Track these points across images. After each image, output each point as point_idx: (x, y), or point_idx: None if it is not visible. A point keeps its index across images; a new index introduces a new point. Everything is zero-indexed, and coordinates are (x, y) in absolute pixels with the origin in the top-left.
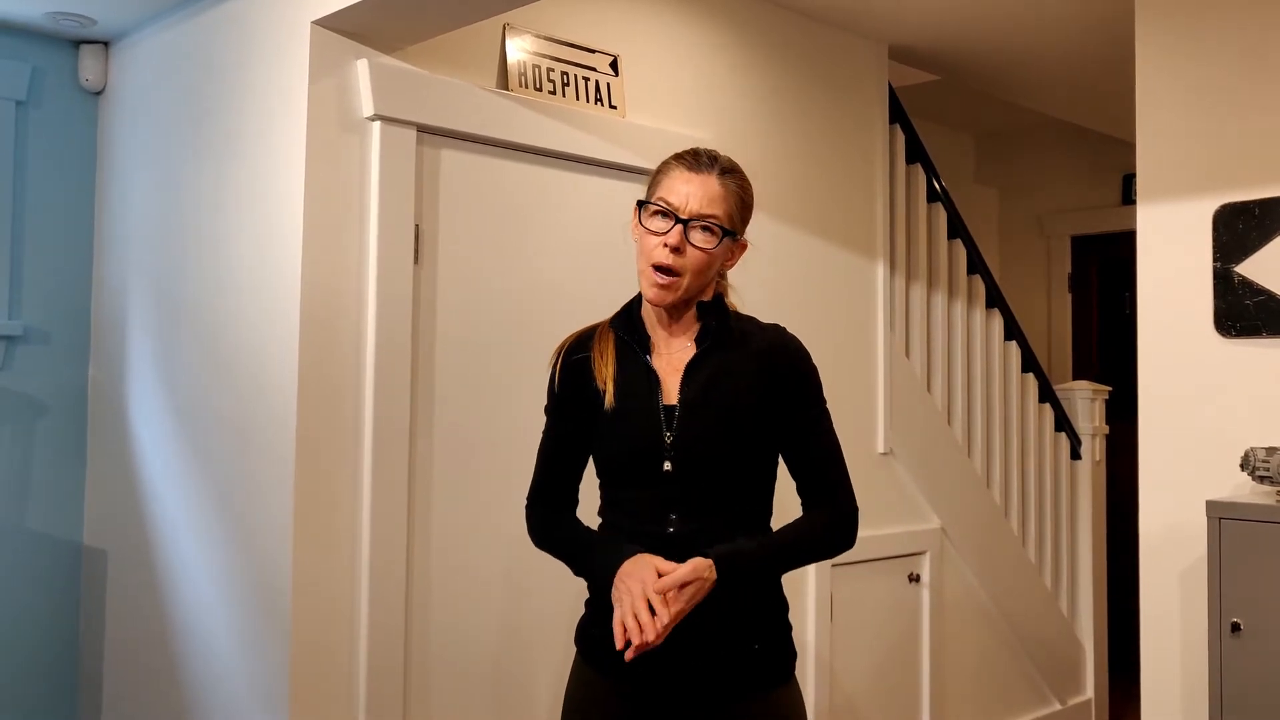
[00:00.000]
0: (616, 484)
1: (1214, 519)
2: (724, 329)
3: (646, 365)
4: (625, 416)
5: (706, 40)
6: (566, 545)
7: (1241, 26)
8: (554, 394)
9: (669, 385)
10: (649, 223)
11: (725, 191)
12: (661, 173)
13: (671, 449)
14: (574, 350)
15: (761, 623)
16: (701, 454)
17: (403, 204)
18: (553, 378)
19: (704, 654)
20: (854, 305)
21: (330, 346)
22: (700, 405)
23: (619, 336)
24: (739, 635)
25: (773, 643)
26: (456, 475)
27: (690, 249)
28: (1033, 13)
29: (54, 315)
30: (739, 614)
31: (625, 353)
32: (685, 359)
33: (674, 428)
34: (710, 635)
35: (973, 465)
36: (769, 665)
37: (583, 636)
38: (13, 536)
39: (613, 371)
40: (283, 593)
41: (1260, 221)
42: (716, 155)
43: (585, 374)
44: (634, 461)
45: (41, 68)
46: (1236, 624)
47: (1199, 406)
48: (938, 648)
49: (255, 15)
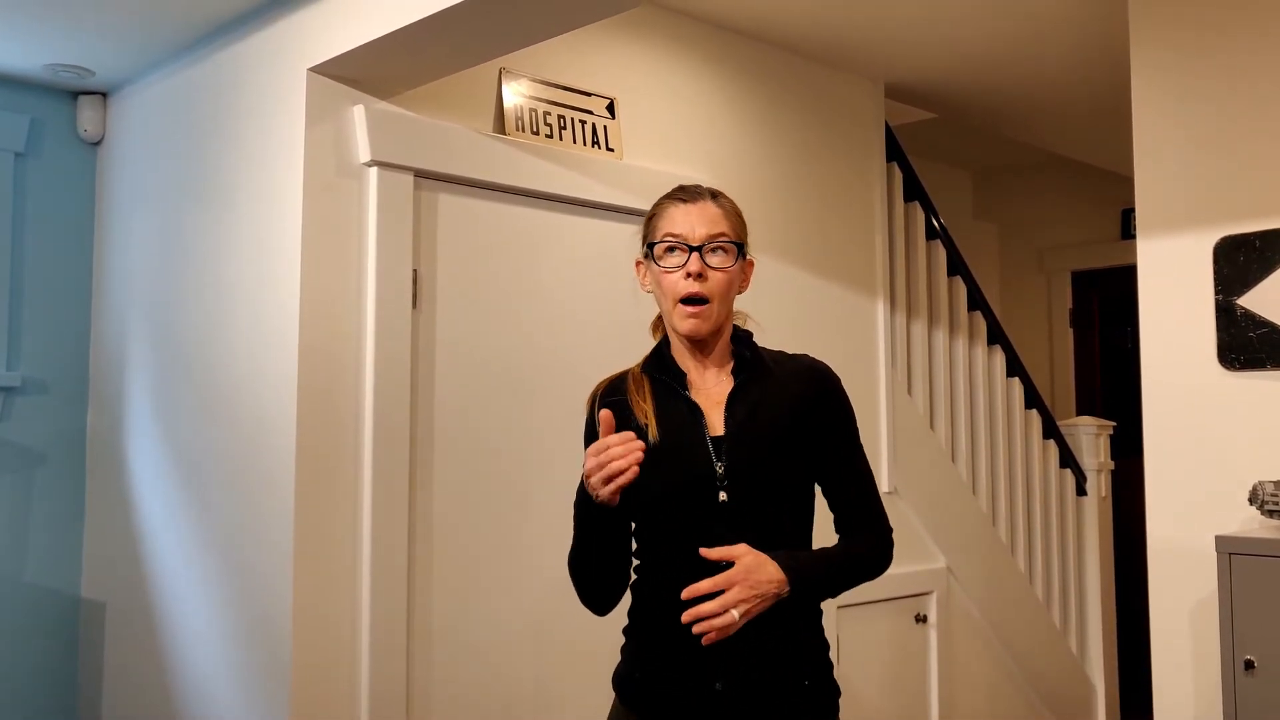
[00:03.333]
0: (663, 521)
1: (1224, 554)
2: (758, 359)
3: (687, 399)
4: (672, 451)
5: (703, 82)
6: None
7: (1237, 59)
8: (591, 439)
9: (712, 418)
10: (664, 261)
11: (723, 212)
12: (656, 214)
13: (725, 478)
14: (609, 393)
15: (811, 658)
16: (756, 482)
17: (400, 249)
18: (590, 422)
19: (758, 690)
20: (855, 343)
21: (329, 392)
22: (748, 434)
23: (654, 377)
24: (791, 671)
25: (822, 679)
26: (457, 517)
27: (712, 273)
28: (1028, 50)
29: (52, 365)
30: (791, 649)
31: (662, 391)
32: (725, 391)
33: (724, 458)
34: (764, 672)
35: (978, 503)
36: (819, 701)
37: (624, 683)
38: (11, 589)
39: (653, 408)
40: (283, 637)
41: (1261, 254)
42: (700, 185)
43: (624, 414)
44: (687, 495)
45: (40, 119)
46: (1250, 661)
47: (1204, 440)
48: (946, 689)
49: (251, 63)
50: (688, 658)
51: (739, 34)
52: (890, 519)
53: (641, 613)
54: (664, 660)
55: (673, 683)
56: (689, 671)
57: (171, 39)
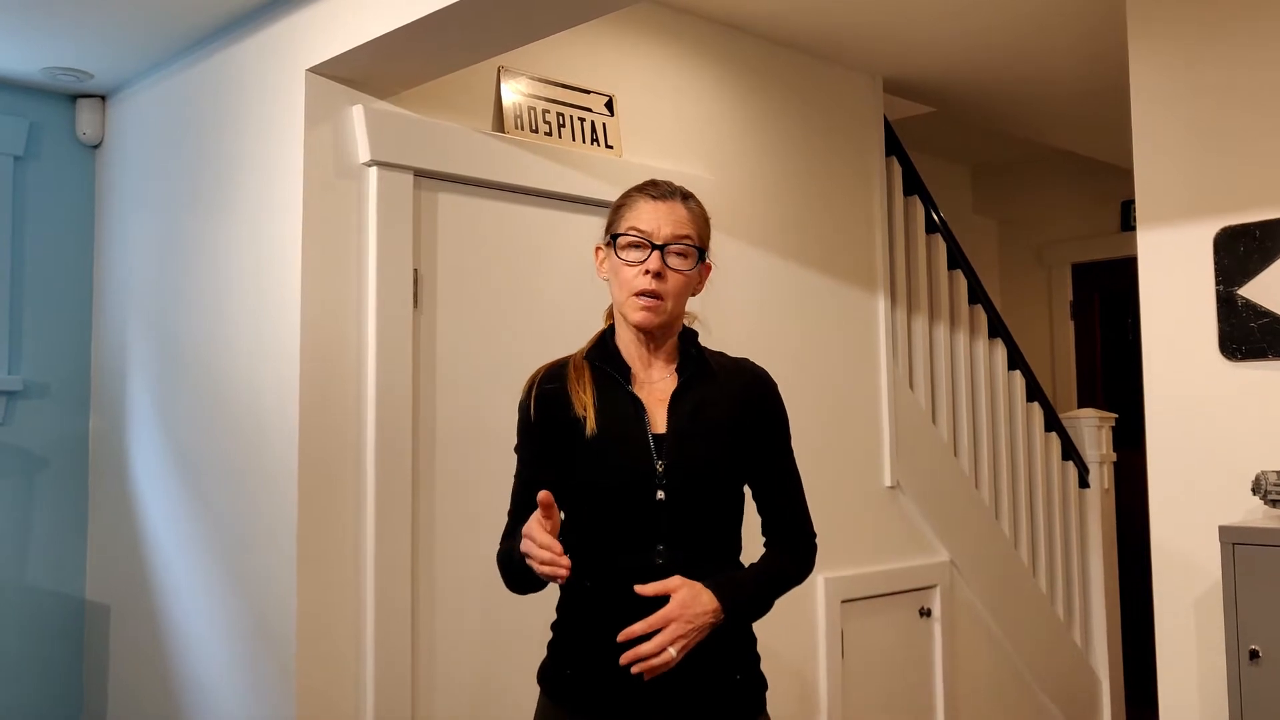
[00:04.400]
0: (599, 515)
1: (1227, 545)
2: (703, 359)
3: (630, 394)
4: (611, 445)
5: (701, 78)
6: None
7: (1235, 49)
8: (527, 425)
9: (655, 414)
10: (624, 254)
11: (691, 215)
12: (624, 205)
13: (664, 477)
14: (547, 380)
15: (739, 653)
16: (695, 482)
17: (401, 248)
18: (526, 407)
19: (685, 686)
20: (856, 338)
21: (331, 392)
22: (690, 434)
23: (596, 366)
24: (720, 666)
25: (750, 673)
26: (460, 515)
27: (670, 273)
28: (1027, 43)
29: (53, 369)
30: (721, 644)
31: (604, 382)
32: (669, 388)
33: (665, 456)
34: (691, 667)
35: (980, 496)
36: (748, 696)
37: (551, 678)
38: (15, 593)
39: (592, 399)
40: (287, 641)
41: (1261, 244)
42: (673, 184)
43: (561, 403)
44: (624, 491)
45: (39, 122)
46: (1255, 651)
47: (1207, 431)
48: (951, 682)
49: (250, 65)
50: (617, 652)
51: (738, 30)
52: (890, 514)
53: (571, 609)
54: (595, 656)
55: (601, 678)
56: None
57: (170, 41)
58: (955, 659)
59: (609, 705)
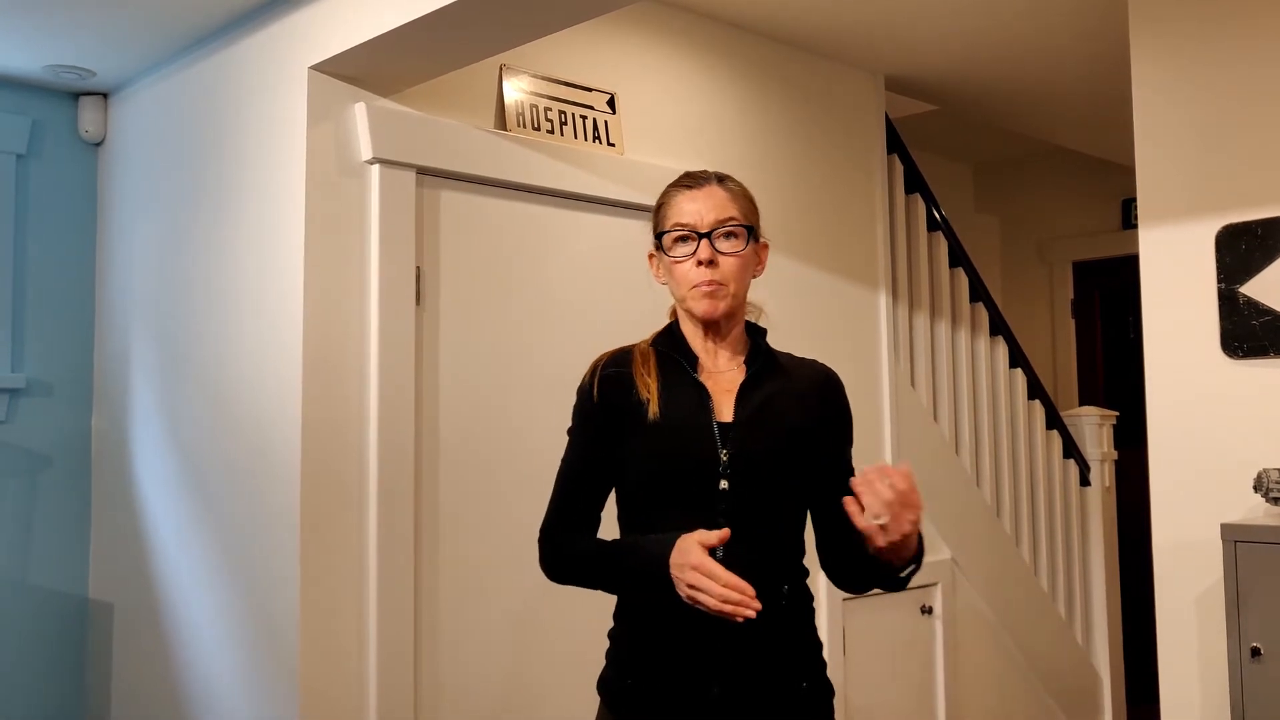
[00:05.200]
0: (657, 504)
1: (1229, 542)
2: (772, 355)
3: (695, 381)
4: (674, 432)
5: (703, 75)
6: (594, 562)
7: (1237, 46)
8: (587, 406)
9: (720, 403)
10: (674, 251)
11: (731, 195)
12: (664, 204)
13: (729, 466)
14: (611, 364)
15: (807, 660)
16: (760, 473)
17: (403, 246)
18: (587, 389)
19: (756, 694)
20: (857, 336)
21: (333, 390)
22: (758, 425)
23: (662, 352)
24: (789, 673)
25: (818, 680)
26: (463, 513)
27: (723, 258)
28: (1028, 41)
29: (56, 367)
30: (787, 651)
31: (670, 368)
32: (737, 379)
33: (729, 445)
34: (762, 676)
35: (982, 494)
36: (815, 704)
37: (611, 689)
38: (17, 590)
39: (657, 385)
40: (290, 639)
41: (1263, 241)
42: (707, 170)
43: (625, 386)
44: (686, 479)
45: (41, 120)
46: (1256, 649)
47: (1209, 429)
48: (952, 680)
49: (252, 62)
50: (683, 661)
51: (739, 28)
52: None
53: (631, 615)
54: (658, 665)
55: (667, 688)
56: (685, 676)
57: (172, 39)
58: (957, 657)
59: (673, 715)
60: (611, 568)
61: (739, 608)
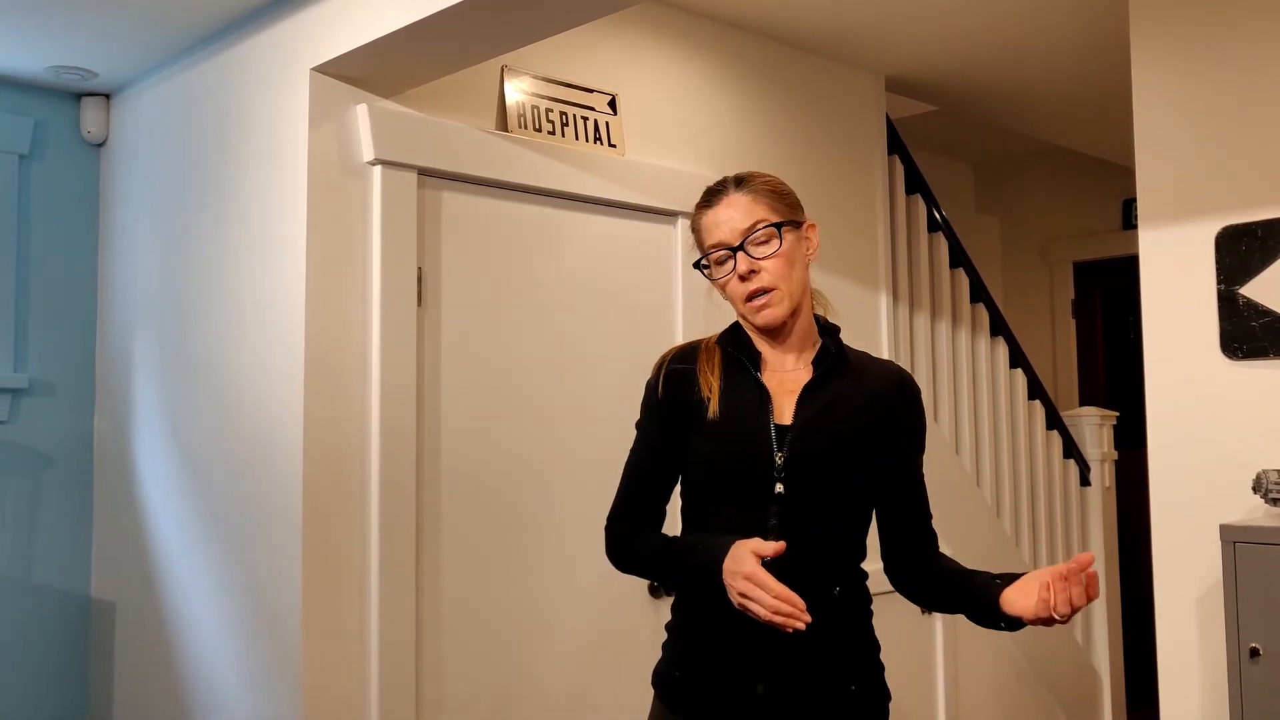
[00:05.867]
0: (716, 501)
1: (1228, 543)
2: (842, 355)
3: (757, 381)
4: (733, 431)
5: (703, 76)
6: (654, 560)
7: (1237, 47)
8: (653, 401)
9: (781, 405)
10: (717, 273)
11: (752, 197)
12: (696, 229)
13: (783, 469)
14: (677, 360)
15: (858, 663)
16: (815, 477)
17: (405, 247)
18: (655, 384)
19: (800, 694)
20: (858, 337)
21: (335, 390)
22: (816, 429)
23: (727, 351)
24: (837, 674)
25: (869, 684)
26: (465, 513)
27: (762, 264)
28: (1028, 42)
29: (59, 367)
30: (837, 652)
31: (733, 367)
32: (801, 380)
33: (786, 448)
34: (807, 676)
35: (982, 495)
36: (865, 707)
37: (665, 683)
38: (20, 589)
39: (719, 384)
40: (292, 639)
41: (1263, 243)
42: (725, 178)
43: (689, 384)
44: (741, 480)
45: (44, 121)
46: (1255, 649)
47: (1208, 429)
48: (952, 681)
49: (254, 63)
50: (730, 658)
51: (740, 29)
52: None
53: (686, 607)
54: (706, 660)
55: (713, 683)
56: (731, 672)
57: (174, 40)
58: (957, 657)
59: (715, 713)
60: (669, 566)
61: (789, 620)
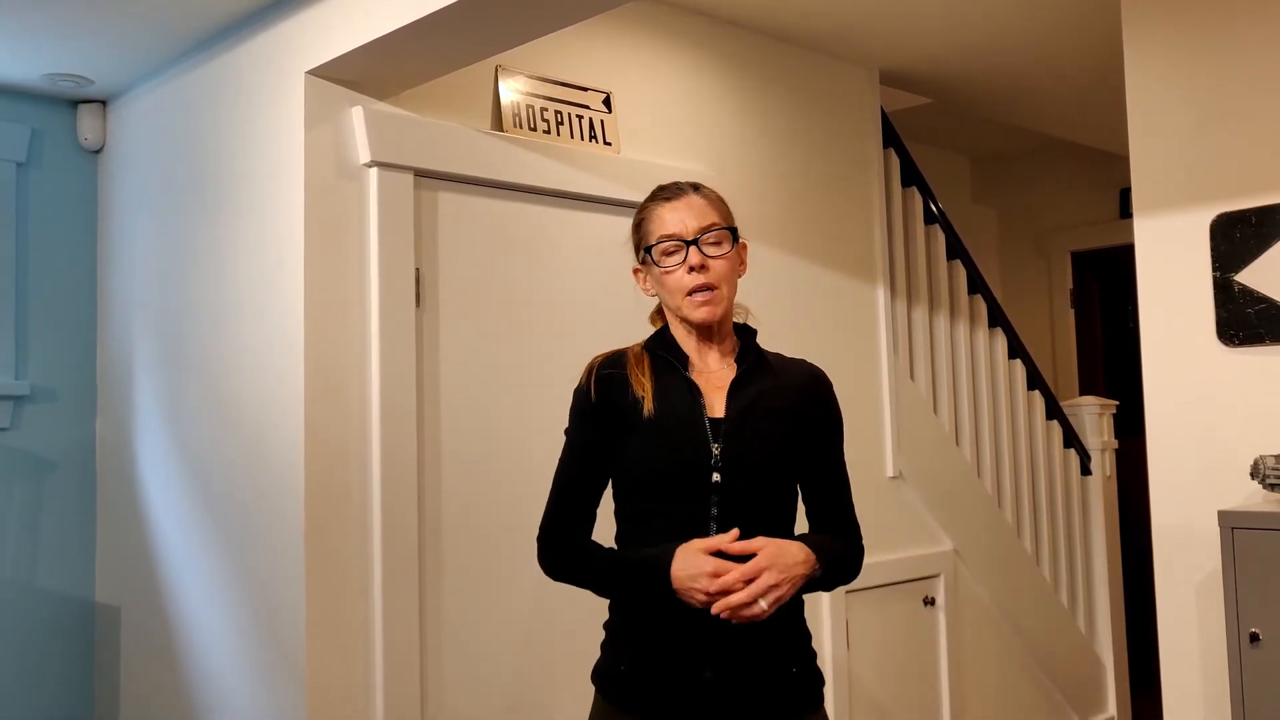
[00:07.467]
0: (652, 497)
1: (1226, 529)
2: (761, 354)
3: (687, 379)
4: (668, 427)
5: (698, 73)
6: (594, 565)
7: (1230, 34)
8: (585, 406)
9: (712, 399)
10: (664, 262)
11: (708, 202)
12: (645, 219)
13: (721, 459)
14: (606, 365)
15: (795, 646)
16: (751, 467)
17: (402, 248)
18: (585, 390)
19: (748, 678)
20: (856, 330)
21: (335, 392)
22: (749, 420)
23: (654, 354)
24: (779, 659)
25: (808, 666)
26: (466, 514)
27: (712, 262)
28: (1022, 33)
29: (60, 373)
30: (778, 637)
31: (662, 369)
32: (728, 376)
33: (722, 439)
34: (752, 661)
35: (983, 485)
36: (805, 689)
37: (609, 679)
38: (25, 595)
39: (651, 384)
40: (296, 641)
41: (1257, 230)
42: (681, 182)
43: (620, 386)
44: (680, 472)
45: (40, 129)
46: (1255, 634)
47: (1206, 416)
48: (956, 670)
49: (249, 68)
50: (676, 647)
51: (733, 25)
52: (893, 504)
53: (625, 607)
54: (651, 651)
55: (661, 674)
56: (678, 661)
57: (169, 46)
58: (960, 647)
59: (665, 702)
60: (609, 580)
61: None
